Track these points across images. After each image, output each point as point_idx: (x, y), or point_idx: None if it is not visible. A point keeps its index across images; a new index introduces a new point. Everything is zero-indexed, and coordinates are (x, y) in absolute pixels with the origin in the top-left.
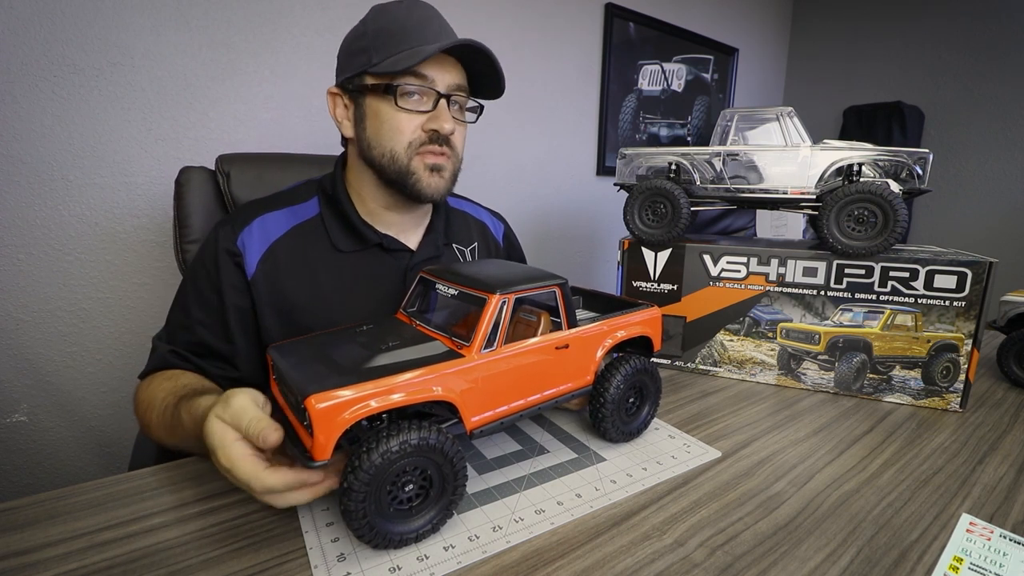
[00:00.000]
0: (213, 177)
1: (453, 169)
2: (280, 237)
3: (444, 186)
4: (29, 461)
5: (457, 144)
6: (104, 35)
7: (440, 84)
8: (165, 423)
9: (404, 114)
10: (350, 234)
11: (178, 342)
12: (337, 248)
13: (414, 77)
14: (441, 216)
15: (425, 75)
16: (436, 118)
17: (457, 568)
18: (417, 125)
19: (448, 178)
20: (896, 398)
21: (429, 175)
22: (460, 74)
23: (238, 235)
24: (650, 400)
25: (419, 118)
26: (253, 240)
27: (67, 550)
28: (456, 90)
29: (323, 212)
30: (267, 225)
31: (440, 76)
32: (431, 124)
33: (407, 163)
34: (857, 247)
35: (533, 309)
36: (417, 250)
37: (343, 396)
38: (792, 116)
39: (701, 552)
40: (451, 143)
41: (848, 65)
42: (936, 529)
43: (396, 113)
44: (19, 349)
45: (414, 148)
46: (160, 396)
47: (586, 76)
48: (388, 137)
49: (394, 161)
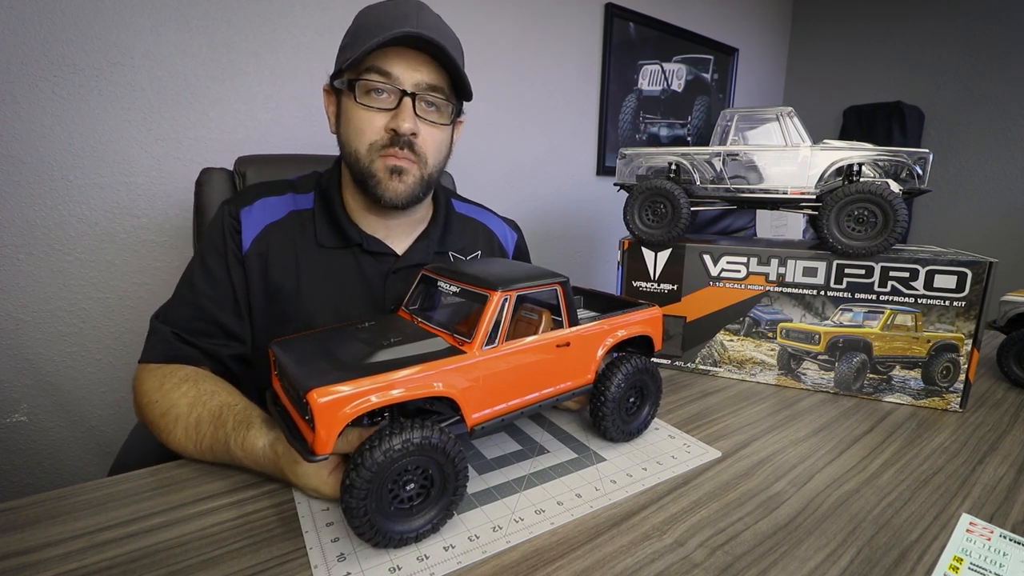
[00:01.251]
0: (231, 178)
1: (420, 174)
2: (276, 221)
3: (407, 191)
4: (29, 461)
5: (425, 148)
6: (104, 35)
7: (406, 82)
8: (201, 445)
9: (365, 112)
10: (334, 231)
11: (180, 320)
12: (320, 243)
13: (377, 73)
14: (439, 223)
15: (387, 72)
16: (395, 117)
17: (457, 568)
18: (380, 125)
19: (412, 183)
20: (896, 398)
21: (389, 178)
22: (434, 73)
23: (239, 210)
24: (651, 400)
25: (382, 117)
26: (252, 218)
27: (67, 550)
28: (426, 89)
29: (316, 206)
30: (267, 207)
31: (407, 74)
32: (391, 123)
33: (368, 164)
34: (857, 247)
35: (535, 307)
36: (403, 255)
37: (344, 391)
38: (792, 116)
39: (701, 552)
40: (415, 146)
41: (848, 65)
42: (936, 529)
43: (358, 111)
44: (19, 349)
45: (376, 149)
46: (185, 409)
47: (586, 76)
48: (353, 136)
49: (358, 161)
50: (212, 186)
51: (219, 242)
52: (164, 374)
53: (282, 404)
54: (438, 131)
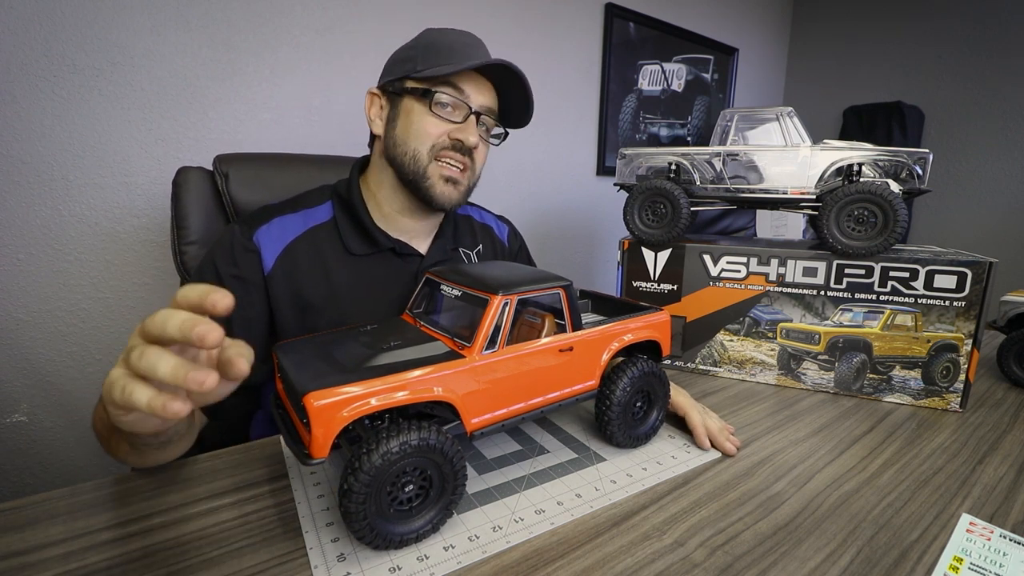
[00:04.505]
0: (211, 177)
1: (468, 184)
2: (297, 238)
3: (457, 198)
4: (29, 461)
5: (478, 160)
6: (104, 35)
7: (473, 101)
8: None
9: (434, 119)
10: (363, 238)
11: None
12: (350, 251)
13: (452, 88)
14: (450, 222)
15: (462, 89)
16: (463, 129)
17: (457, 568)
18: (444, 132)
19: (462, 191)
20: (896, 398)
21: (443, 184)
22: (493, 98)
23: (255, 232)
24: (658, 405)
25: (447, 126)
26: (271, 238)
27: (67, 550)
28: (487, 111)
29: (336, 216)
30: (285, 225)
31: (475, 94)
32: (457, 134)
33: (426, 166)
34: (857, 247)
35: (537, 311)
36: (427, 255)
37: (341, 394)
38: (792, 116)
39: (701, 552)
40: (472, 157)
41: (848, 65)
42: (936, 529)
43: (427, 116)
44: (19, 349)
45: (436, 151)
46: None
47: (586, 76)
48: (415, 137)
49: (415, 161)
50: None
51: (226, 265)
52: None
53: (284, 406)
54: (486, 147)
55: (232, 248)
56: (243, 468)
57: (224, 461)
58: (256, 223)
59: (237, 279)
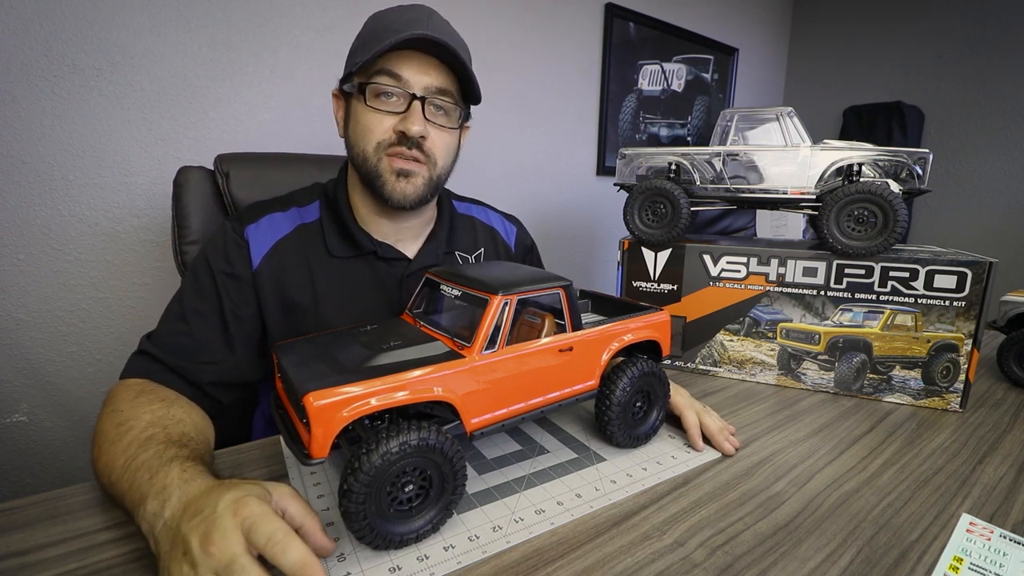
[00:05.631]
0: (212, 177)
1: (429, 176)
2: (285, 236)
3: (415, 193)
4: (29, 461)
5: (434, 150)
6: (104, 35)
7: (416, 86)
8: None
9: (374, 113)
10: (345, 240)
11: (163, 334)
12: (332, 253)
13: (388, 77)
14: (444, 224)
15: (398, 75)
16: (405, 119)
17: (457, 568)
18: (388, 126)
19: (421, 185)
20: (896, 398)
21: (395, 180)
22: (443, 77)
23: (245, 228)
24: (658, 405)
25: (390, 119)
26: (260, 235)
27: (67, 550)
28: (436, 93)
29: (323, 216)
30: (274, 223)
31: (416, 78)
32: (400, 125)
33: (375, 164)
34: (857, 247)
35: (537, 311)
36: (415, 258)
37: (341, 394)
38: (792, 116)
39: (701, 552)
40: (424, 148)
41: (848, 65)
42: (936, 529)
43: (367, 112)
44: (19, 349)
45: (382, 149)
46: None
47: (586, 76)
48: (361, 136)
49: (365, 162)
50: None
51: (218, 260)
52: (142, 389)
53: (283, 407)
54: (447, 134)
55: (225, 245)
56: (243, 468)
57: (224, 461)
58: (247, 219)
59: (230, 276)
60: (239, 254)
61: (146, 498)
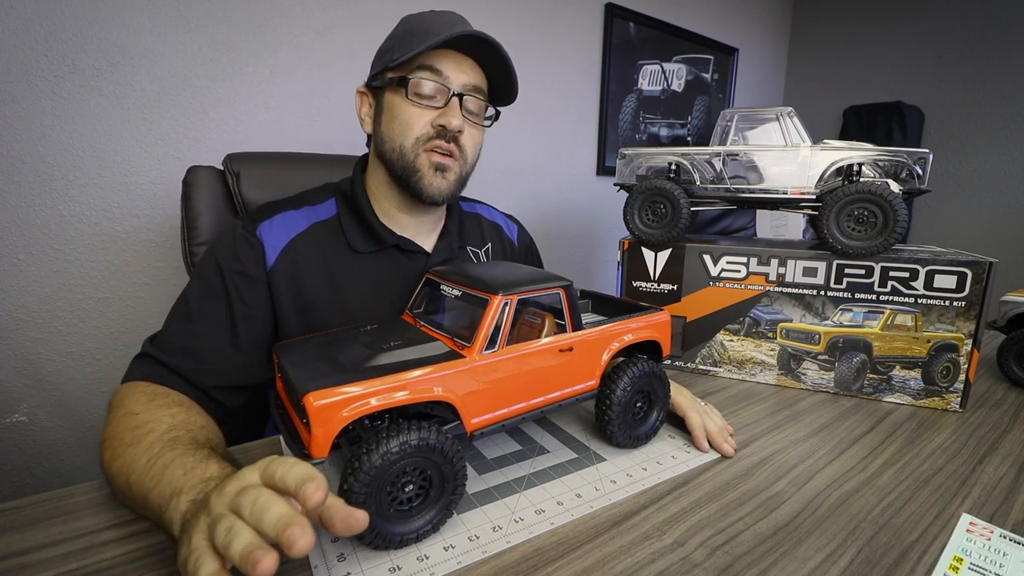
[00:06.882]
0: (221, 176)
1: (460, 172)
2: (300, 233)
3: (448, 188)
4: (29, 461)
5: (467, 146)
6: (104, 35)
7: (454, 83)
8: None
9: (414, 108)
10: (367, 235)
11: (168, 336)
12: (354, 249)
13: (429, 72)
14: (455, 219)
15: (440, 71)
16: (445, 113)
17: (457, 568)
18: (427, 121)
19: (453, 181)
20: (896, 398)
21: (433, 174)
22: (478, 76)
23: (257, 226)
24: (658, 405)
25: (429, 114)
26: (273, 233)
27: (67, 550)
28: (471, 91)
29: (340, 213)
30: (288, 220)
31: (455, 75)
32: (440, 119)
33: (413, 159)
34: (857, 247)
35: (538, 311)
36: (433, 253)
37: (341, 394)
38: (792, 116)
39: (701, 552)
40: (459, 143)
41: (848, 65)
42: (936, 529)
43: (407, 107)
44: (19, 349)
45: (421, 143)
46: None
47: (586, 76)
48: (399, 131)
49: (402, 156)
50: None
51: (228, 260)
52: (156, 393)
53: (284, 407)
54: (477, 131)
55: (235, 243)
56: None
57: None
58: (259, 218)
59: (240, 275)
60: (251, 253)
61: (180, 491)
